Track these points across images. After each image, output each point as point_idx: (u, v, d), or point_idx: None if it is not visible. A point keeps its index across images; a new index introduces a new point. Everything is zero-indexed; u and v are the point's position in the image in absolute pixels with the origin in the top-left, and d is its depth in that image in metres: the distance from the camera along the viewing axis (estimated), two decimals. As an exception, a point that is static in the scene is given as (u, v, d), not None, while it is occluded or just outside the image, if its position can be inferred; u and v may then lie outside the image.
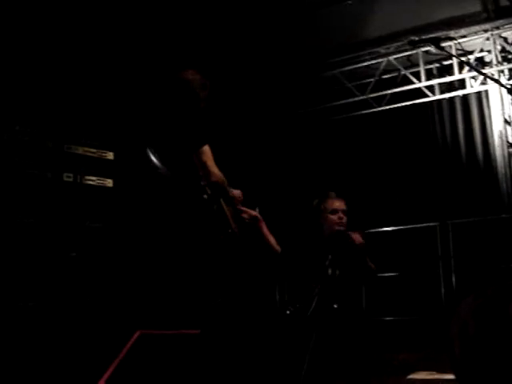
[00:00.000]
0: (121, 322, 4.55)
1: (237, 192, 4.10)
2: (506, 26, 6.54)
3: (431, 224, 6.75)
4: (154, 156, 3.95)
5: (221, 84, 5.56)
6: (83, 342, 4.67)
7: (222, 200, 3.92)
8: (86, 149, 5.68)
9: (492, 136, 6.90)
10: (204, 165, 3.79)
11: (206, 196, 3.84)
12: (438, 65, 7.20)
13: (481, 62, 7.00)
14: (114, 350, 2.89)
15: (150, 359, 2.87)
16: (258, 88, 7.53)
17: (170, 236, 4.17)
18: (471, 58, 6.81)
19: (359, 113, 7.46)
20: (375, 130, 7.53)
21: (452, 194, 7.01)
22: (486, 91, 6.96)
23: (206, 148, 3.80)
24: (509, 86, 6.60)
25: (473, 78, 6.86)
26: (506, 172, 6.72)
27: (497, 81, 6.19)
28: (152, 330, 2.96)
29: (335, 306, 4.53)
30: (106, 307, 4.99)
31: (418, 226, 6.80)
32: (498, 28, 6.57)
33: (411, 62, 7.21)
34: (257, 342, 4.19)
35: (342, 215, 4.56)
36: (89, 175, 5.65)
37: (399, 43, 6.87)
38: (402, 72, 7.18)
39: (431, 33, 6.33)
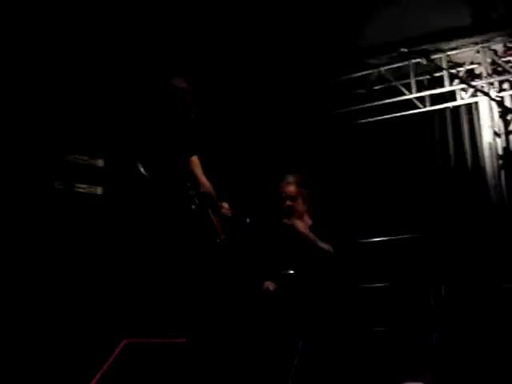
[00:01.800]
0: (108, 330, 4.53)
1: (224, 205, 4.10)
2: (496, 39, 6.60)
3: (421, 234, 6.77)
4: (142, 165, 3.95)
5: (217, 91, 5.57)
6: (69, 350, 4.65)
7: (210, 210, 3.92)
8: (78, 156, 5.67)
9: (482, 148, 6.94)
10: (193, 175, 3.79)
11: (194, 206, 3.84)
12: (428, 76, 7.25)
13: (471, 75, 7.06)
14: (100, 359, 2.88)
15: (136, 368, 2.86)
16: (255, 96, 7.53)
17: (159, 245, 4.16)
18: (461, 70, 6.86)
19: (351, 123, 7.49)
20: (365, 140, 7.55)
21: (441, 204, 7.04)
22: (476, 103, 7.01)
23: (195, 158, 3.80)
24: (498, 99, 6.65)
25: (463, 90, 6.91)
26: (495, 183, 6.75)
27: (486, 93, 6.24)
28: (139, 338, 2.95)
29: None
30: (93, 315, 4.97)
31: (408, 236, 6.82)
32: (488, 41, 6.63)
33: (402, 74, 7.26)
34: (243, 349, 4.19)
35: (287, 202, 4.37)
36: (79, 183, 5.64)
37: (390, 54, 6.92)
38: (393, 83, 7.23)
39: (422, 45, 6.39)
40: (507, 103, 6.78)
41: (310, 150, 7.74)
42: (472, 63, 6.89)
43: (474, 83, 6.79)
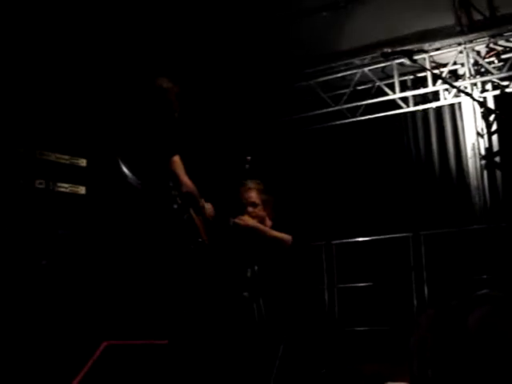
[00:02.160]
0: (87, 332, 4.50)
1: (208, 206, 4.08)
2: (479, 40, 6.62)
3: (404, 234, 6.79)
4: (124, 165, 3.92)
5: (194, 93, 5.56)
6: (50, 351, 4.61)
7: (192, 210, 3.91)
8: (59, 155, 5.63)
9: (465, 148, 6.98)
10: (175, 174, 3.77)
11: (176, 206, 3.83)
12: (412, 77, 7.28)
13: (454, 75, 7.09)
14: (80, 362, 2.85)
15: (116, 370, 2.84)
16: (233, 98, 7.53)
17: (141, 245, 4.14)
18: (444, 70, 6.89)
19: (334, 123, 7.50)
20: (349, 140, 7.58)
21: (425, 204, 7.07)
22: (460, 103, 7.05)
23: (177, 158, 3.79)
24: (481, 99, 6.68)
25: (446, 90, 6.94)
26: (478, 184, 6.79)
27: (468, 94, 6.27)
28: (119, 340, 2.92)
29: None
30: (75, 316, 4.93)
31: (392, 236, 6.83)
32: (471, 41, 6.65)
33: (386, 74, 7.28)
34: (226, 350, 4.17)
35: (249, 208, 4.36)
36: (61, 182, 5.60)
37: (374, 55, 6.93)
38: (377, 83, 7.24)
39: (405, 45, 6.40)
40: (490, 104, 6.82)
41: (292, 151, 7.76)
42: (455, 64, 6.92)
43: (457, 84, 6.82)
